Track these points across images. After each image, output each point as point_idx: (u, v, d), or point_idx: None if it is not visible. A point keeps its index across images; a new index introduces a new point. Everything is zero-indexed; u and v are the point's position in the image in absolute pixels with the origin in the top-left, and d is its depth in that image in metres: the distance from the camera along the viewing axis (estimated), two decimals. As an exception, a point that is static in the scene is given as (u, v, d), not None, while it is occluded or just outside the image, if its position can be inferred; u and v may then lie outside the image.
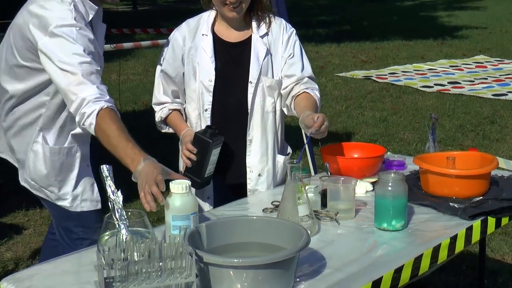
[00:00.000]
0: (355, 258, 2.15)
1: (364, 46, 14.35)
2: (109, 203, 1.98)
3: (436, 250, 2.25)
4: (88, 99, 2.36)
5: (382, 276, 2.02)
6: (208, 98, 2.82)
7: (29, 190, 2.82)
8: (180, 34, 2.88)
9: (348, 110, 8.34)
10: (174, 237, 1.87)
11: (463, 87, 9.60)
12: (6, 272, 3.96)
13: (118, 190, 2.00)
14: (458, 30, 17.07)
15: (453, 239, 2.33)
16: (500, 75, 10.55)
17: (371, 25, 18.42)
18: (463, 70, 11.17)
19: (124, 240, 1.85)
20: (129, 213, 1.99)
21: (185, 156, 2.75)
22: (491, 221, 2.52)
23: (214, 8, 2.84)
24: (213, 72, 2.81)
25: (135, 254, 1.76)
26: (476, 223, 2.46)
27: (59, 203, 2.76)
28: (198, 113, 2.87)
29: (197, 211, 2.16)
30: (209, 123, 2.83)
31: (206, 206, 2.91)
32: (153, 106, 2.99)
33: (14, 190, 5.39)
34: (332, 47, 14.17)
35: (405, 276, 2.10)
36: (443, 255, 2.28)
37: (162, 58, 2.91)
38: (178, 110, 2.95)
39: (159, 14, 22.30)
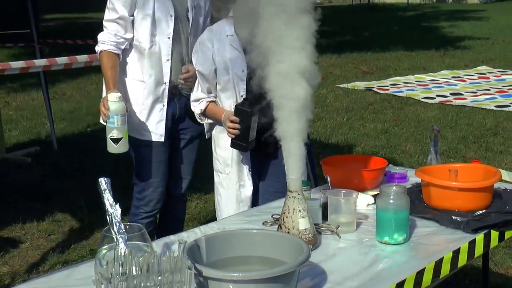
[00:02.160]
0: (357, 272, 2.15)
1: (366, 56, 14.39)
2: (107, 216, 1.97)
3: (438, 264, 2.25)
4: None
5: (384, 291, 2.02)
6: (243, 86, 3.22)
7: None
8: (207, 39, 3.28)
9: (349, 121, 8.35)
10: (173, 251, 1.86)
11: (466, 99, 9.61)
12: (2, 286, 3.96)
13: (116, 203, 1.99)
14: (460, 41, 17.11)
15: (456, 252, 2.33)
16: (503, 86, 10.55)
17: (372, 36, 18.48)
18: (465, 81, 11.18)
19: (123, 254, 1.85)
20: (128, 227, 1.99)
21: (230, 127, 3.12)
22: (494, 234, 2.52)
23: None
24: (245, 64, 3.17)
25: (134, 268, 1.76)
26: (479, 237, 2.45)
27: None
28: (234, 100, 3.24)
29: (124, 113, 3.22)
30: None
31: (248, 180, 3.30)
32: (192, 103, 3.40)
33: (11, 203, 5.41)
34: (333, 57, 14.20)
35: (407, 291, 2.10)
36: (445, 269, 2.27)
37: (195, 62, 3.32)
38: (214, 102, 3.34)
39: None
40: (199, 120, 3.44)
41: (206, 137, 3.60)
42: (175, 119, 3.56)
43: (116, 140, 3.20)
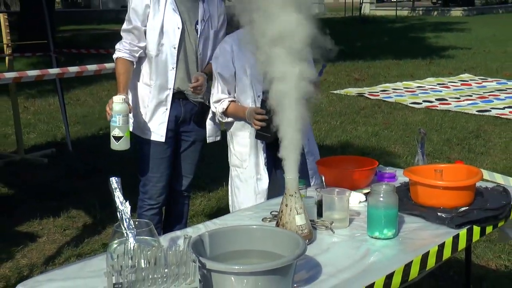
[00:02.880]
0: (349, 265, 2.15)
1: (357, 65, 14.38)
2: (118, 213, 1.97)
3: (425, 257, 2.24)
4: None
5: (374, 282, 2.02)
6: (260, 87, 3.27)
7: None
8: (227, 44, 3.37)
9: (342, 125, 8.34)
10: (179, 246, 1.86)
11: (450, 104, 9.60)
12: (21, 277, 3.95)
13: (126, 201, 1.99)
14: (444, 50, 17.10)
15: (441, 246, 2.33)
16: (484, 93, 10.55)
17: (363, 46, 18.47)
18: (449, 87, 11.18)
19: (132, 248, 1.85)
20: (137, 223, 1.99)
21: (258, 119, 3.19)
22: (476, 229, 2.51)
23: None
24: None
25: (142, 261, 1.76)
26: (462, 232, 2.45)
27: None
28: (252, 100, 3.32)
29: (127, 114, 3.25)
30: None
31: (264, 173, 3.39)
32: (212, 104, 3.45)
33: (29, 200, 5.41)
34: (327, 66, 14.16)
35: (396, 282, 2.10)
36: (431, 262, 2.27)
37: (216, 66, 3.38)
38: (234, 101, 3.40)
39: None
40: (219, 120, 3.53)
41: (207, 141, 3.65)
42: (179, 121, 3.58)
43: (117, 138, 3.23)
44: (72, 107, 9.36)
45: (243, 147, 3.43)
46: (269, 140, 3.25)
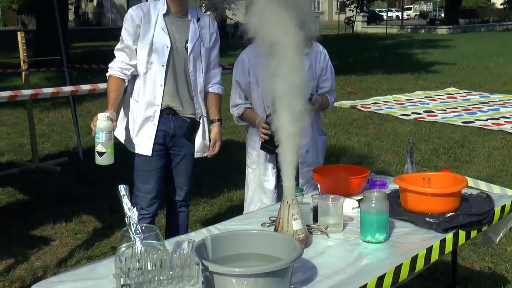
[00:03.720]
0: (343, 267, 2.14)
1: (350, 79, 14.41)
2: (126, 218, 1.97)
3: (414, 260, 2.24)
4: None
5: (366, 283, 2.01)
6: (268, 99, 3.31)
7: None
8: (246, 55, 3.44)
9: (336, 135, 8.34)
10: (183, 249, 1.85)
11: (437, 115, 9.60)
12: (35, 278, 3.93)
13: (133, 207, 1.99)
14: (431, 66, 17.15)
15: (429, 250, 2.32)
16: (468, 105, 10.57)
17: (356, 61, 18.51)
18: (436, 100, 11.19)
19: (139, 251, 1.84)
20: (143, 228, 1.98)
21: (262, 133, 3.26)
22: (462, 234, 2.51)
23: None
24: None
25: (149, 264, 1.75)
26: (449, 236, 2.45)
27: None
28: (262, 110, 3.41)
29: (110, 131, 3.12)
30: None
31: (271, 176, 3.46)
32: (231, 108, 3.55)
33: (43, 206, 5.40)
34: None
35: (387, 283, 2.09)
36: (420, 264, 2.27)
37: (235, 74, 3.49)
38: (250, 108, 3.48)
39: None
40: (236, 122, 3.62)
41: (195, 156, 3.55)
42: (168, 136, 3.47)
43: (100, 154, 3.14)
44: (83, 119, 9.34)
45: (254, 150, 3.50)
46: (272, 153, 3.27)
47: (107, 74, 3.43)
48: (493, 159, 6.95)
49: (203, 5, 38.34)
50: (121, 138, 3.52)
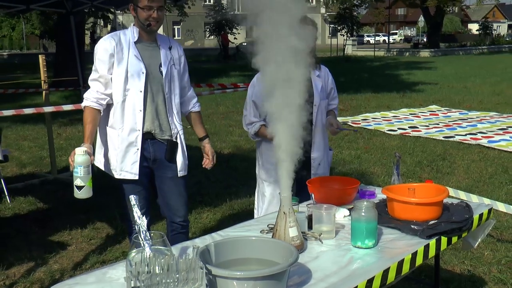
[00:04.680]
0: (335, 270, 2.13)
1: (342, 97, 14.38)
2: (136, 226, 1.96)
3: (400, 263, 2.23)
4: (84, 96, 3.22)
5: (357, 285, 2.00)
6: None
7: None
8: (257, 78, 3.41)
9: (328, 149, 8.33)
10: (188, 254, 1.84)
11: (421, 131, 9.61)
12: (53, 280, 3.92)
13: (143, 216, 1.98)
14: (415, 85, 17.19)
15: (414, 254, 2.31)
16: (449, 121, 10.58)
17: (347, 81, 18.55)
18: (420, 117, 11.20)
19: (148, 256, 1.83)
20: (152, 234, 1.97)
21: None
22: (444, 240, 2.50)
23: None
24: None
25: (157, 267, 1.75)
26: (432, 242, 2.44)
27: None
28: None
29: (88, 165, 2.92)
30: None
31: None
32: (245, 126, 3.52)
33: (60, 214, 5.38)
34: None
35: (376, 285, 2.08)
36: (406, 268, 2.26)
37: (252, 93, 3.48)
38: (264, 125, 3.40)
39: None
40: (251, 138, 3.58)
41: (179, 175, 3.37)
42: (150, 161, 3.32)
43: (79, 187, 2.89)
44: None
45: (269, 164, 3.47)
46: None
47: (82, 105, 3.23)
48: (471, 170, 6.94)
49: (207, 29, 38.49)
50: (101, 166, 3.36)
